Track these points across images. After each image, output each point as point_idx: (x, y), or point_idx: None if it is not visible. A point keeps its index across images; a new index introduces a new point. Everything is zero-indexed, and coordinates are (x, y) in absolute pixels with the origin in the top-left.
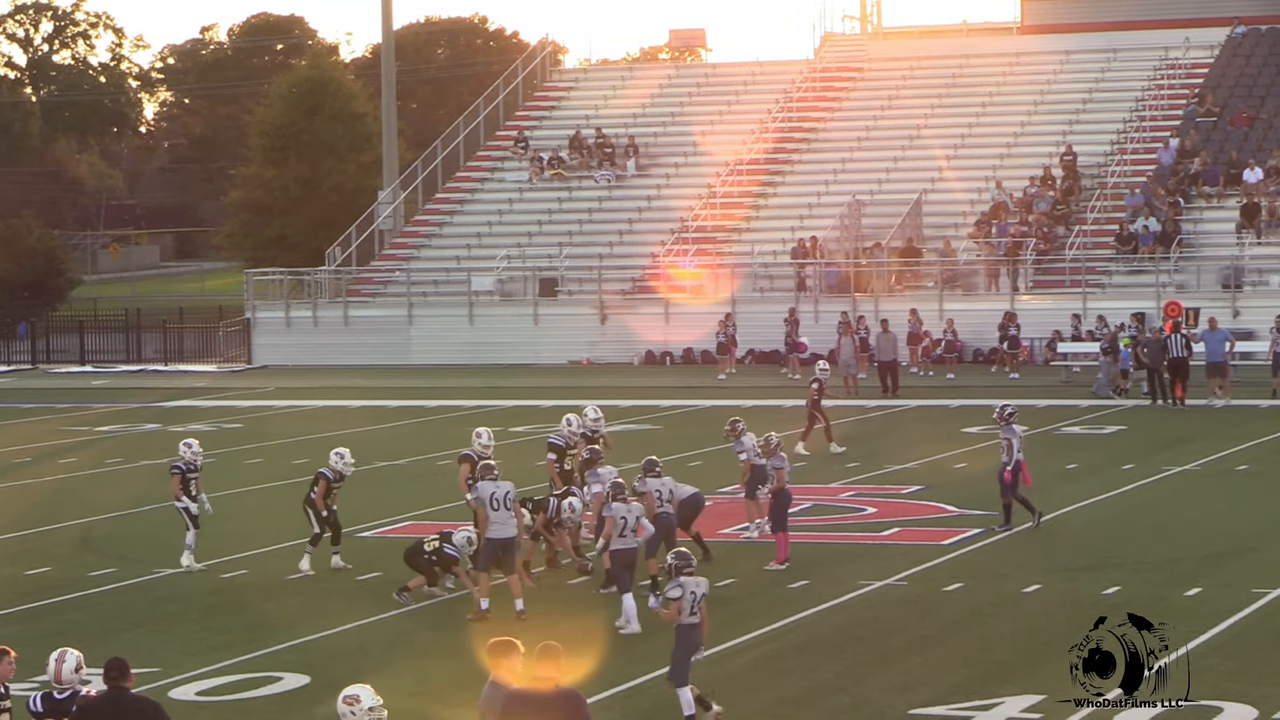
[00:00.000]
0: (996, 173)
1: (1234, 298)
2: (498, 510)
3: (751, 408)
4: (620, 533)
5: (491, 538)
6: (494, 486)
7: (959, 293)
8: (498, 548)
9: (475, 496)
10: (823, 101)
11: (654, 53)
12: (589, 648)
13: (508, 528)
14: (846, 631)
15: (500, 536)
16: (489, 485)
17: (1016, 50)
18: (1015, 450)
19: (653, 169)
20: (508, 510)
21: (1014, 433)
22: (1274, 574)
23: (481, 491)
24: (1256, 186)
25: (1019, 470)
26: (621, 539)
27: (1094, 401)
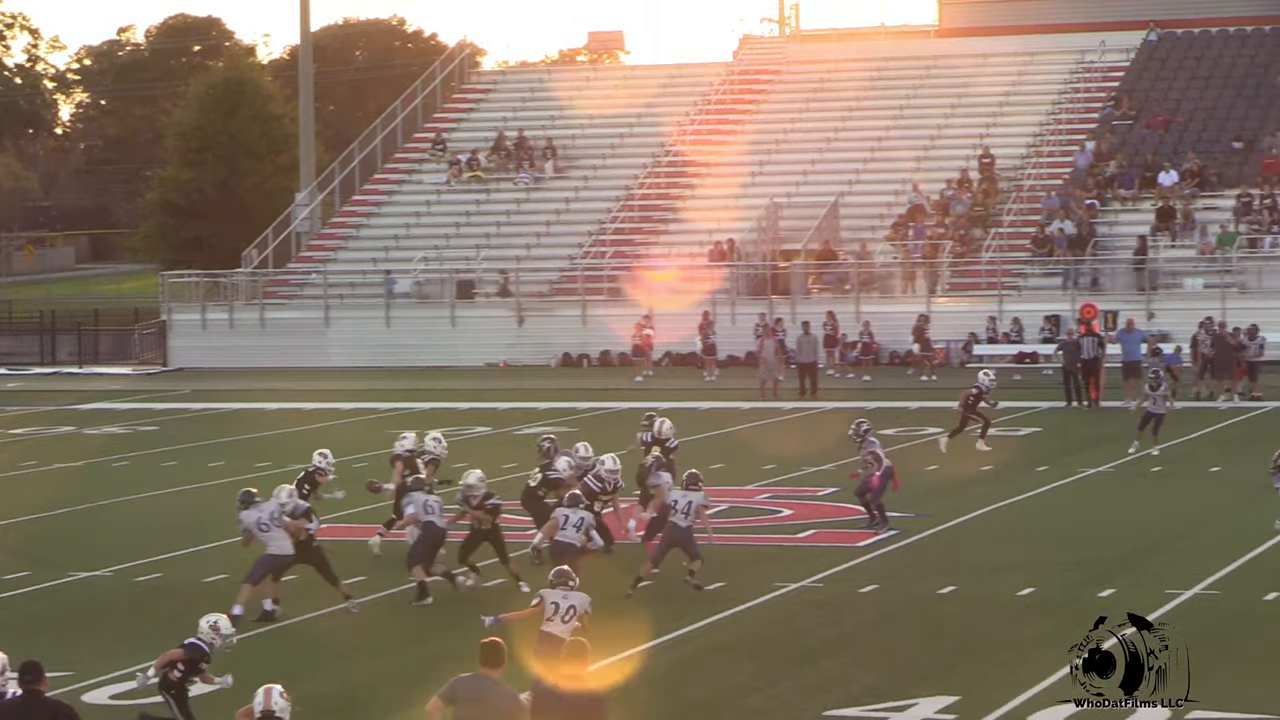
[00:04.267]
0: (913, 175)
1: (1149, 300)
2: (267, 531)
3: (668, 409)
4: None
5: (273, 554)
6: (256, 512)
7: (876, 295)
8: (275, 565)
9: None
10: (741, 104)
11: (572, 55)
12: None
13: (285, 545)
14: (762, 633)
15: (279, 553)
16: (250, 513)
17: (934, 53)
18: (883, 459)
19: (571, 171)
20: (278, 528)
21: (874, 444)
22: (1187, 574)
23: (245, 520)
24: (1171, 189)
25: (890, 476)
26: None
27: (1009, 403)
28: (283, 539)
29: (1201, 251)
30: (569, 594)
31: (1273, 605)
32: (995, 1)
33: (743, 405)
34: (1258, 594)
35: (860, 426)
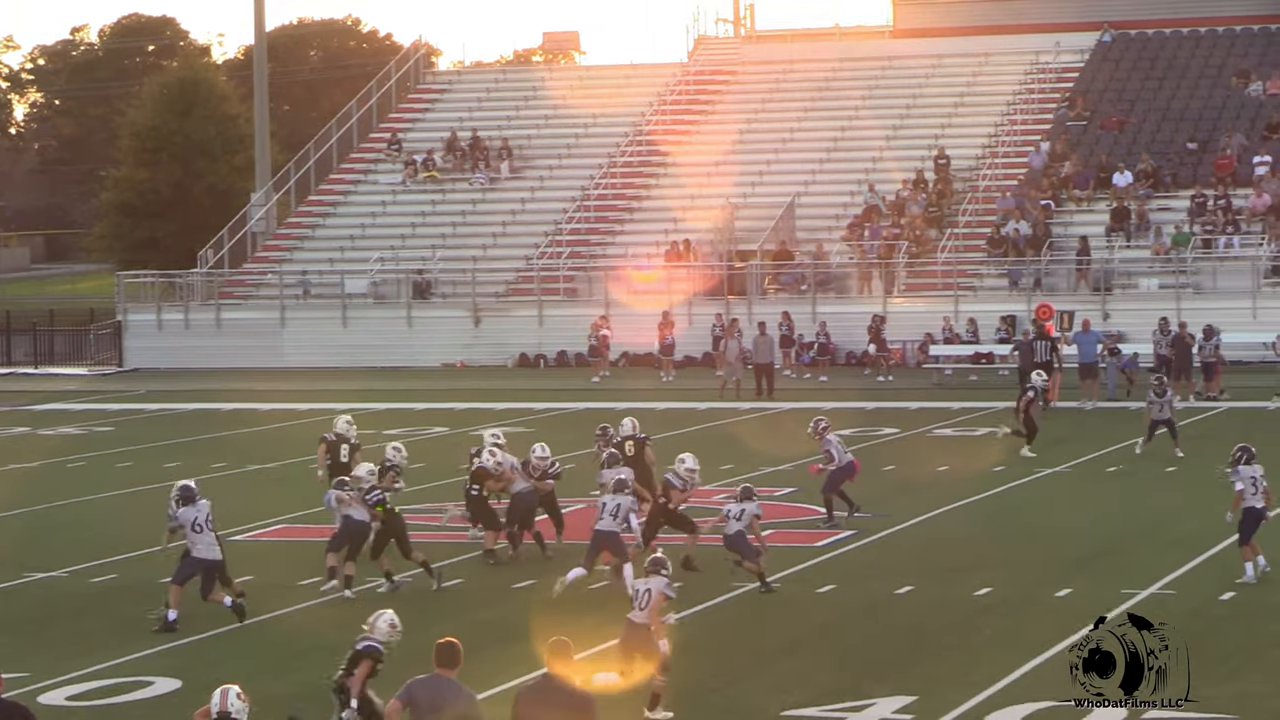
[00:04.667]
0: (869, 176)
1: (1104, 300)
2: (201, 532)
3: (625, 410)
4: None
5: (199, 558)
6: (194, 510)
7: (832, 295)
8: (200, 568)
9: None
10: (696, 104)
11: (528, 55)
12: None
13: (214, 549)
14: (721, 633)
15: (206, 558)
16: (190, 510)
17: (889, 54)
18: (842, 451)
19: (527, 171)
20: (210, 531)
21: (831, 441)
22: (1143, 574)
23: (183, 517)
24: (1126, 190)
25: (851, 469)
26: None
27: (965, 404)
28: (212, 543)
29: (1156, 252)
30: (650, 579)
31: (1228, 605)
32: (950, 3)
33: (700, 406)
34: (1213, 593)
35: (819, 424)
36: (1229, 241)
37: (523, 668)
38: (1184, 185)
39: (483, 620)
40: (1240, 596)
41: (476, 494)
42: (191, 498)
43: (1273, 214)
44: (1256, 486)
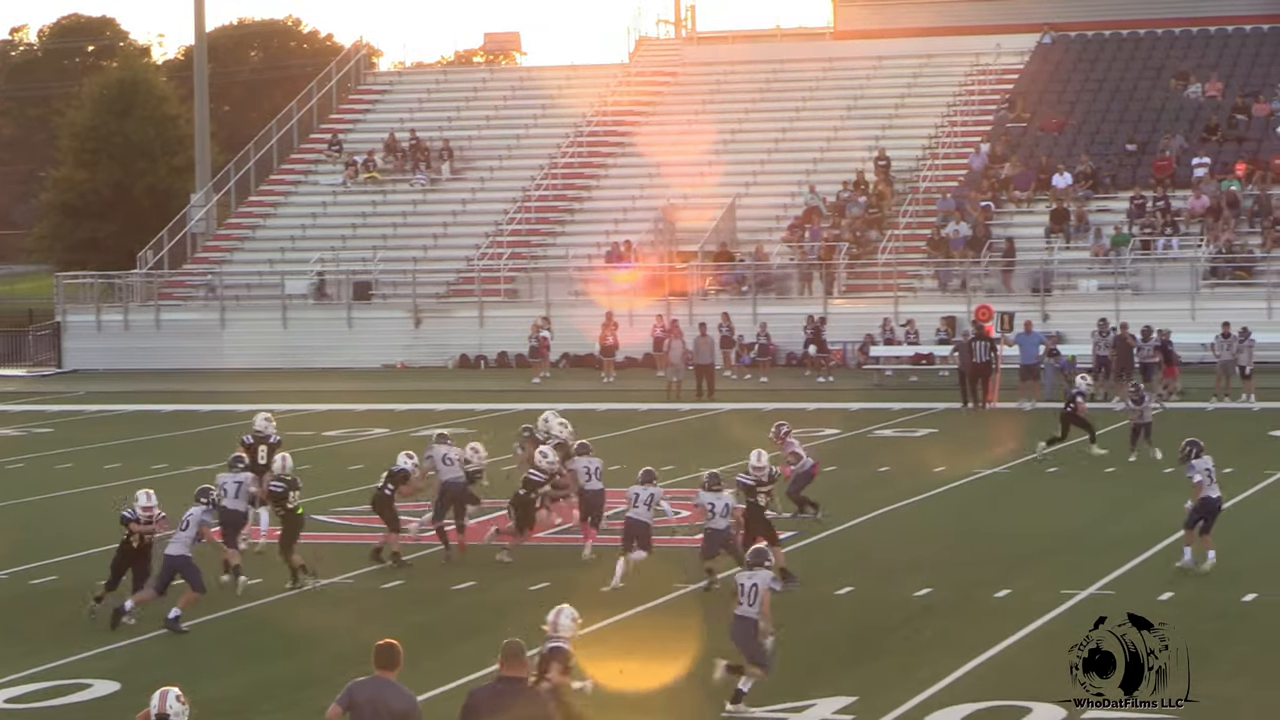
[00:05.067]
0: (810, 177)
1: (1044, 301)
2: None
3: (566, 411)
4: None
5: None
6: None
7: (772, 296)
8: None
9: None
10: (637, 105)
11: (469, 56)
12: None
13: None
14: (662, 634)
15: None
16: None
17: (830, 55)
18: (803, 456)
19: (468, 173)
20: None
21: (794, 444)
22: (1083, 575)
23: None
24: (1066, 191)
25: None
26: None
27: (905, 404)
28: (182, 540)
29: (1095, 253)
30: (753, 574)
31: (1167, 605)
32: (891, 4)
33: (641, 406)
34: (1153, 593)
35: (781, 429)
36: (1168, 243)
37: (463, 669)
38: (1123, 187)
39: (420, 622)
40: (1179, 596)
41: (390, 494)
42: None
43: (1211, 215)
44: (1211, 476)
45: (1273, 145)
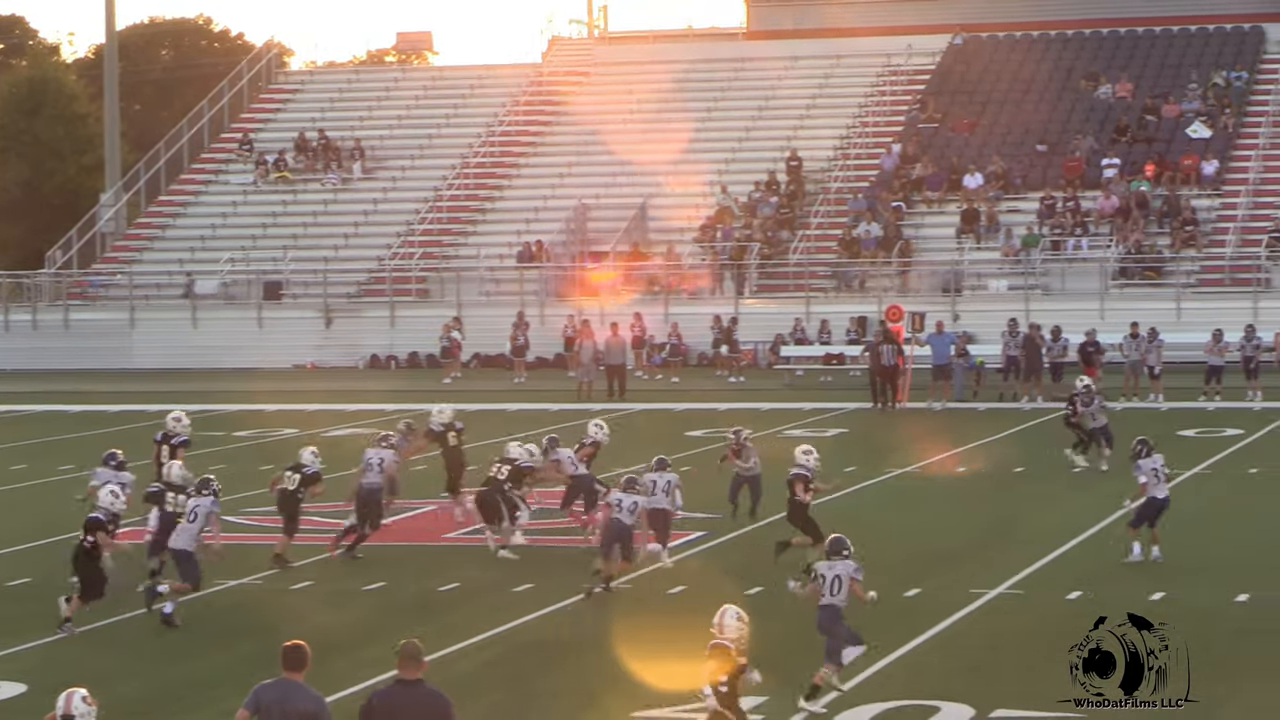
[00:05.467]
0: (722, 177)
1: (954, 301)
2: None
3: (476, 412)
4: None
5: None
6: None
7: (684, 297)
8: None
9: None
10: (549, 105)
11: (380, 55)
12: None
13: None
14: (572, 635)
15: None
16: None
17: (742, 55)
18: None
19: (379, 172)
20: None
21: (753, 452)
22: (992, 575)
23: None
24: (976, 192)
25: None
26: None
27: (816, 404)
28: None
29: (1006, 254)
30: (834, 564)
31: (1075, 604)
32: (802, 5)
33: (551, 407)
34: (1061, 593)
35: (740, 434)
36: (1078, 243)
37: (373, 670)
38: (1033, 187)
39: (330, 623)
40: (1085, 596)
41: (291, 493)
42: (200, 489)
43: (1120, 216)
44: (1159, 476)
45: (1182, 146)
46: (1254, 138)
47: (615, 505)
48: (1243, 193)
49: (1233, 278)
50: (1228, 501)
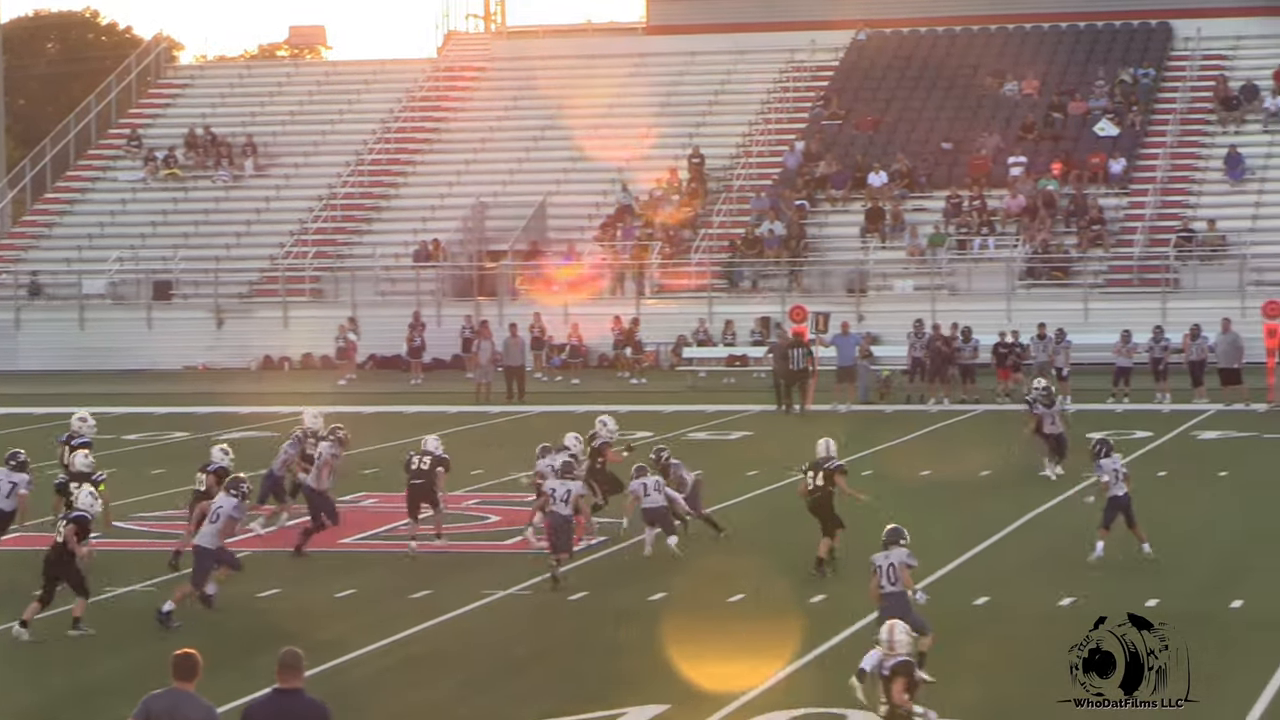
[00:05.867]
0: (622, 175)
1: (859, 302)
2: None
3: (372, 414)
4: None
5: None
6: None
7: (584, 296)
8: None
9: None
10: (446, 101)
11: (273, 50)
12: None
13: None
14: (469, 642)
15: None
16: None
17: (642, 50)
18: (687, 478)
19: (272, 169)
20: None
21: (679, 465)
22: None
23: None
24: (881, 190)
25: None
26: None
27: (720, 407)
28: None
29: (911, 253)
30: (888, 554)
31: (982, 609)
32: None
33: (449, 409)
34: (968, 598)
35: (662, 455)
36: (984, 243)
37: (265, 679)
38: (939, 186)
39: (222, 631)
40: (994, 600)
41: (202, 494)
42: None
43: (1027, 215)
44: (1118, 475)
45: (1089, 144)
46: (1161, 135)
47: (552, 495)
48: (1150, 191)
49: (1141, 278)
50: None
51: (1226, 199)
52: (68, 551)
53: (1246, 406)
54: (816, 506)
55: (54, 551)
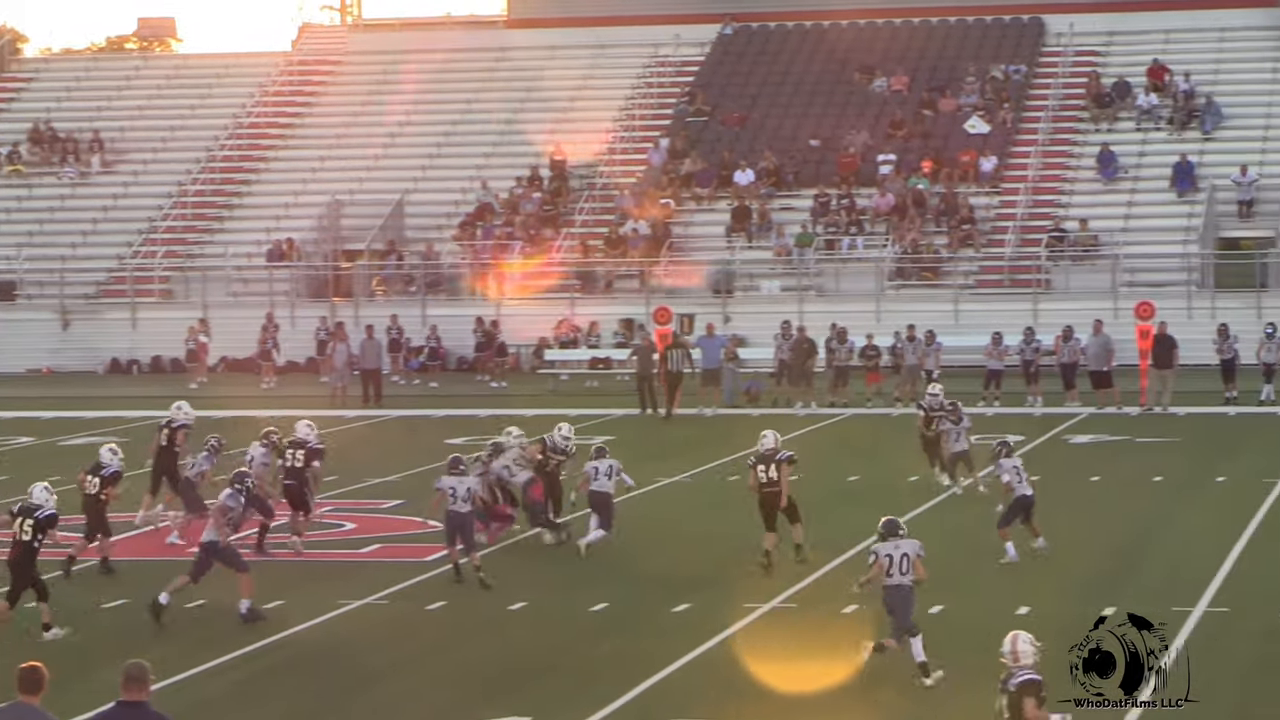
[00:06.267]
0: (482, 172)
1: (725, 303)
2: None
3: (225, 419)
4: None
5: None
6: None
7: (443, 297)
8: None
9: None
10: (300, 96)
11: (121, 42)
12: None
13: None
14: (325, 653)
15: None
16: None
17: (502, 44)
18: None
19: (120, 166)
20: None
21: (612, 466)
22: (765, 588)
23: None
24: (748, 189)
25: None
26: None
27: (583, 411)
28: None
29: (778, 253)
30: (898, 544)
31: (851, 618)
32: None
33: (304, 413)
34: (836, 606)
35: (599, 453)
36: (853, 242)
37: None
38: (807, 184)
39: (68, 642)
40: (861, 610)
41: (93, 496)
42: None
43: (897, 214)
44: (1020, 475)
45: (960, 141)
46: (1033, 133)
47: (450, 494)
48: (1022, 190)
49: (1012, 279)
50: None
51: (1099, 198)
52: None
53: (1119, 410)
54: (769, 500)
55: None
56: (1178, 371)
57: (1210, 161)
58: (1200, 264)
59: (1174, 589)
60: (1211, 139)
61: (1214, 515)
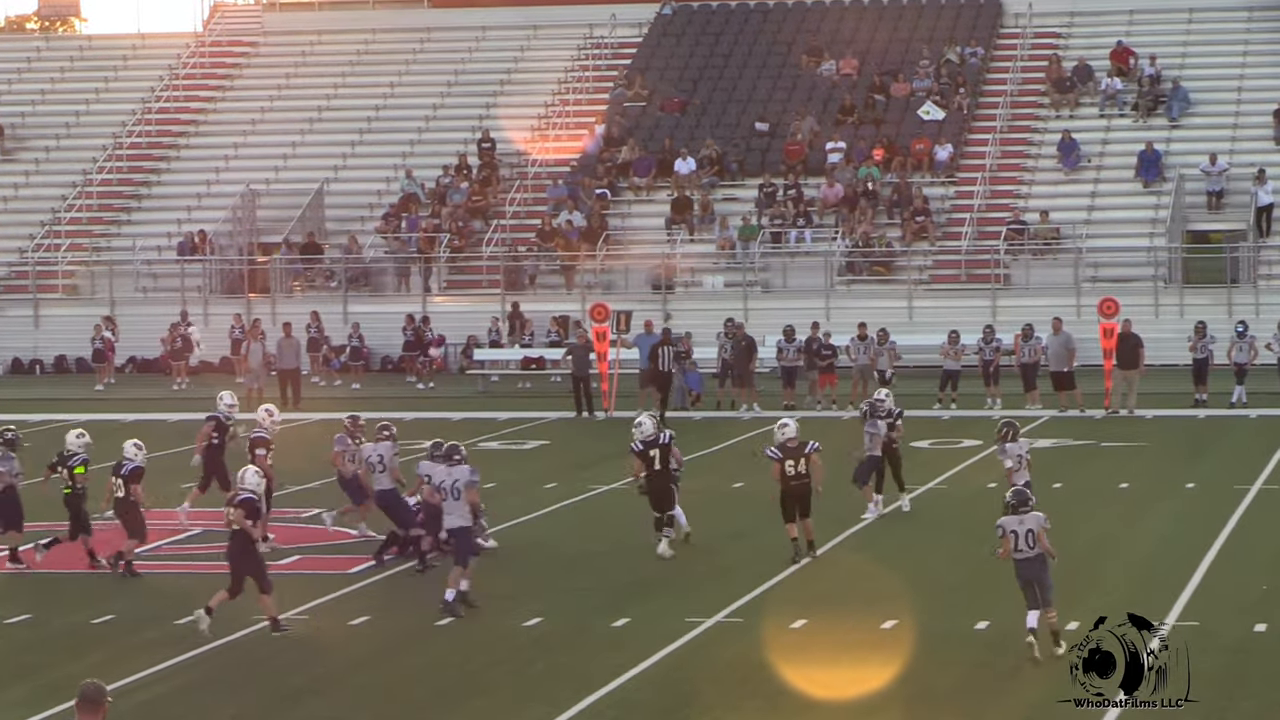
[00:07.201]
0: (406, 161)
1: (665, 299)
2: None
3: (134, 422)
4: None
5: None
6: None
7: (366, 293)
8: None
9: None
10: (212, 79)
11: (21, 22)
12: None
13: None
14: (241, 671)
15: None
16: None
17: (427, 25)
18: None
19: (20, 154)
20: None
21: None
22: (708, 601)
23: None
24: (689, 178)
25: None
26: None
27: (514, 414)
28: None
29: (721, 246)
30: (1023, 519)
31: (800, 633)
32: None
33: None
34: (786, 620)
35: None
36: (800, 235)
37: (22, 712)
38: (751, 173)
39: None
40: (811, 624)
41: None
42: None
43: (847, 205)
44: (1021, 462)
45: (913, 129)
46: (991, 120)
47: (424, 479)
48: (979, 180)
49: (969, 273)
50: (963, 519)
51: (1060, 188)
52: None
53: (1082, 412)
54: (796, 492)
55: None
56: (1143, 372)
57: (1178, 150)
58: (1168, 258)
59: (1141, 602)
60: (1179, 126)
61: (1183, 524)
